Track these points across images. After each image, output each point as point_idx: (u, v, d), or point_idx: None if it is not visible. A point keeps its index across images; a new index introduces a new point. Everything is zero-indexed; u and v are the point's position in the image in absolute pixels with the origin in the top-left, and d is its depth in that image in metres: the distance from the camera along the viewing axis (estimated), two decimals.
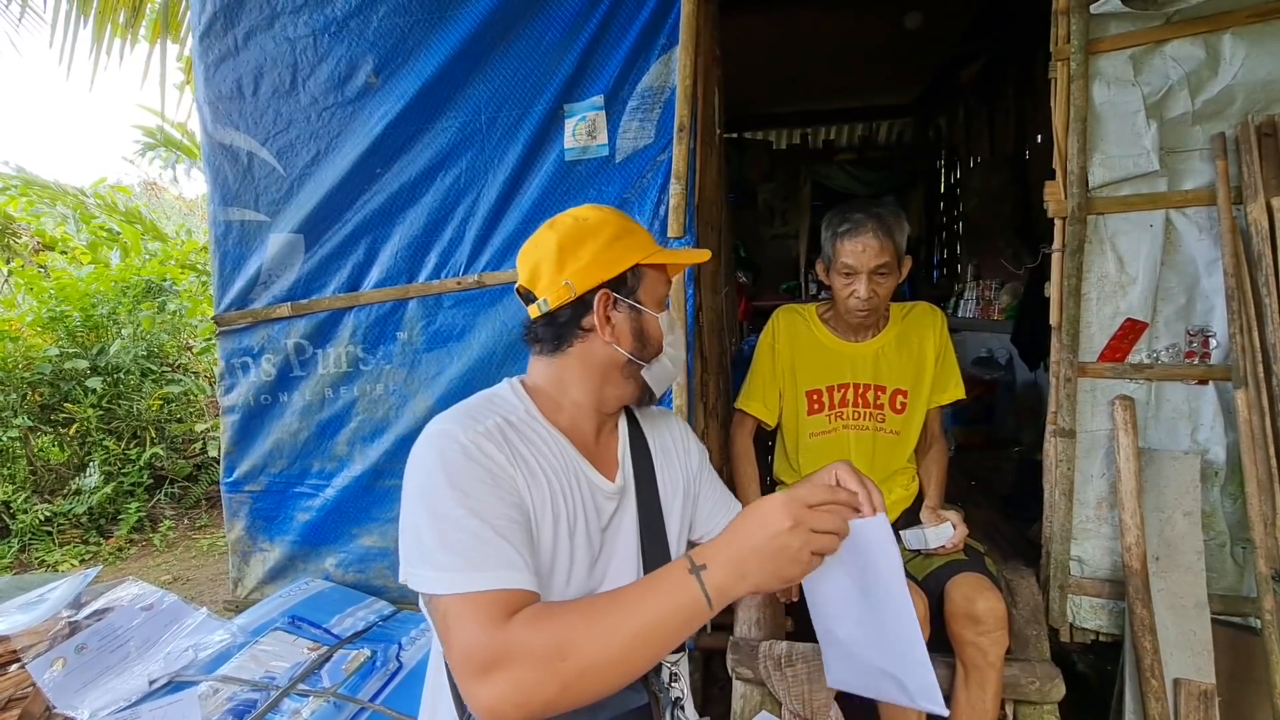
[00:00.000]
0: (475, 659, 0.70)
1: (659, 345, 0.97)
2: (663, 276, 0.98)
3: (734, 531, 0.73)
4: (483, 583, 0.73)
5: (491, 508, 0.78)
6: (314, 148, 1.98)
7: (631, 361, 0.94)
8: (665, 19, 1.74)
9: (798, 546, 0.70)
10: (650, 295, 0.95)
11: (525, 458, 0.85)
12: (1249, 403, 1.48)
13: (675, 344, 1.00)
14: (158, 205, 7.65)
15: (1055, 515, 1.64)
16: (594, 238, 0.91)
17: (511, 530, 0.78)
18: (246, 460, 2.13)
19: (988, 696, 1.42)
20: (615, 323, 0.93)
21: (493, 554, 0.75)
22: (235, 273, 2.08)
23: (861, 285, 1.58)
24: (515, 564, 0.76)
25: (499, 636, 0.70)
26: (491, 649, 0.70)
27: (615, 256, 0.91)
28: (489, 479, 0.80)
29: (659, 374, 0.98)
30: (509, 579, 0.74)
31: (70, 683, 1.57)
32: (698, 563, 0.72)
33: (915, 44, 4.00)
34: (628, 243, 0.92)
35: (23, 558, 3.55)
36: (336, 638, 1.72)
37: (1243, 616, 1.57)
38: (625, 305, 0.93)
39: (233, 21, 1.99)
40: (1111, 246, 1.58)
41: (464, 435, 0.81)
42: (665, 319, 0.98)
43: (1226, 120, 1.52)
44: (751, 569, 0.71)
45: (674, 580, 0.72)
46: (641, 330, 0.95)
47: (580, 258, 0.91)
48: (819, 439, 1.76)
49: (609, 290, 0.91)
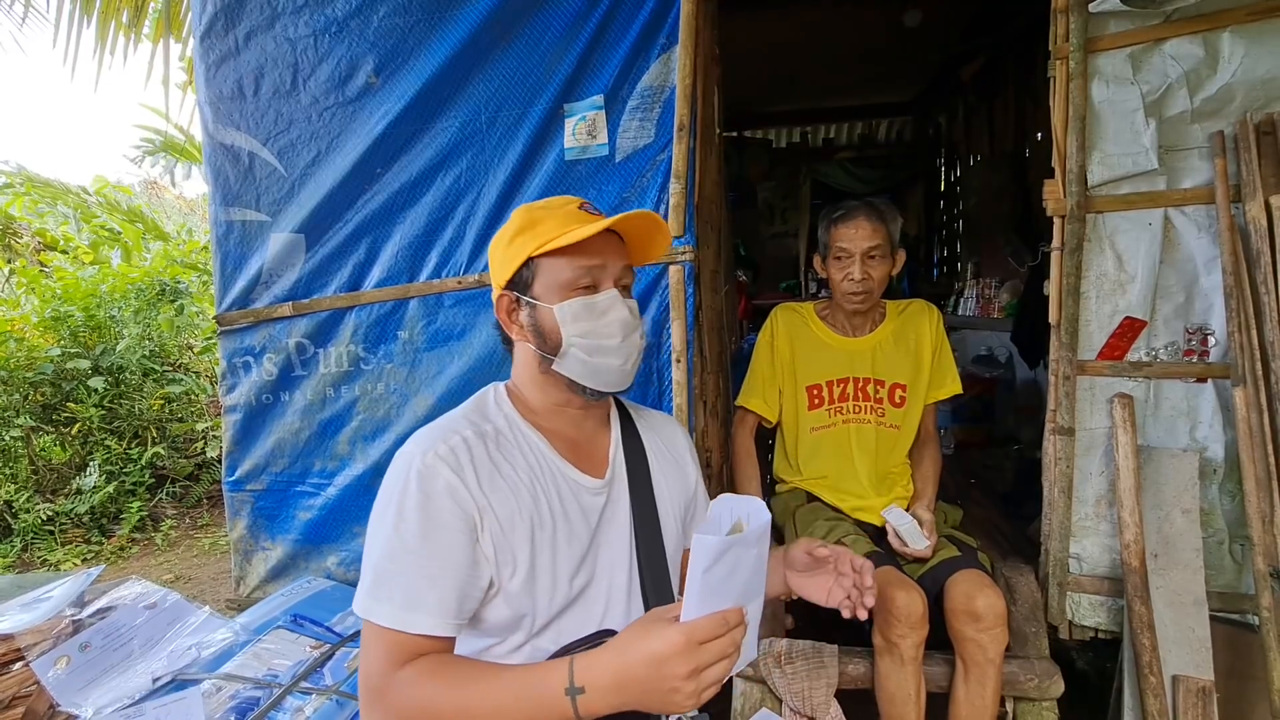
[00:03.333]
0: (368, 690, 0.78)
1: (558, 336, 0.90)
2: (568, 261, 0.89)
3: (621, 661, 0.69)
4: (389, 619, 0.78)
5: (426, 547, 0.80)
6: (315, 148, 1.98)
7: (540, 357, 0.93)
8: (665, 18, 1.74)
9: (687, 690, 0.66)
10: (549, 286, 0.90)
11: (489, 474, 0.85)
12: (1247, 400, 1.48)
13: (592, 333, 0.90)
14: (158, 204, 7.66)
15: (1054, 513, 1.64)
16: (499, 241, 0.94)
17: (442, 573, 0.80)
18: (248, 459, 2.13)
19: (987, 693, 1.42)
20: (521, 321, 0.94)
21: (407, 594, 0.78)
22: (236, 272, 2.08)
23: (855, 267, 1.63)
24: (431, 609, 0.78)
25: (385, 679, 0.76)
26: (377, 687, 0.77)
27: (510, 255, 0.91)
28: (430, 516, 0.80)
29: (574, 367, 0.91)
30: (415, 622, 0.78)
31: (74, 681, 1.58)
32: (577, 683, 0.69)
33: (915, 42, 4.00)
34: (525, 237, 0.90)
35: (25, 557, 3.56)
36: (339, 636, 1.72)
37: (1241, 614, 1.57)
38: (524, 302, 0.92)
39: (233, 22, 1.99)
40: (1110, 245, 1.58)
41: (421, 460, 0.83)
42: (575, 306, 0.89)
43: (1225, 118, 1.53)
44: (634, 702, 0.69)
45: (549, 692, 0.70)
46: (538, 325, 0.91)
47: (492, 263, 0.96)
48: (820, 434, 1.77)
49: (507, 292, 0.93)
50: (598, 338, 0.90)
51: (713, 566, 0.66)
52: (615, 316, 0.91)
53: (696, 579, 0.66)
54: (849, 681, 1.53)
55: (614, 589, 0.93)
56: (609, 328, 0.91)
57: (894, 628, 1.42)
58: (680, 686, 0.66)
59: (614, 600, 0.93)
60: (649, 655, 0.67)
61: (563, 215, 0.91)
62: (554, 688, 0.70)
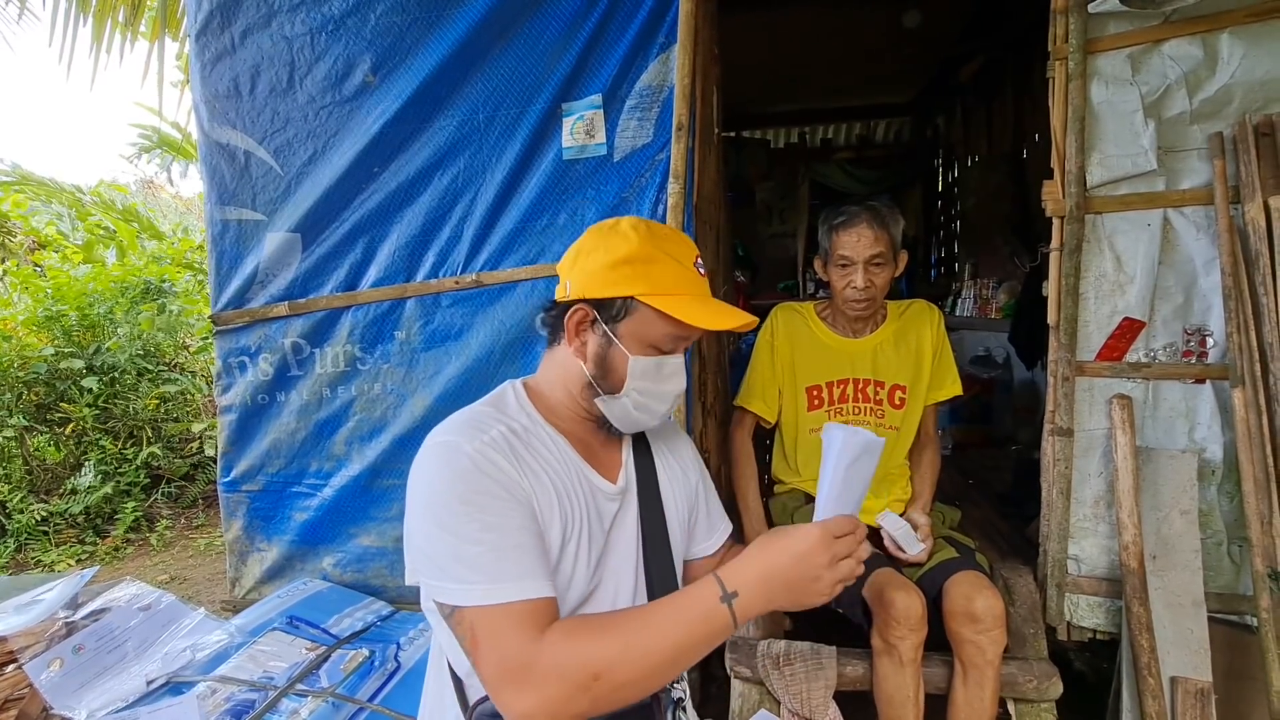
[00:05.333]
0: (509, 671, 0.72)
1: (620, 383, 0.89)
2: (667, 324, 0.87)
3: (766, 559, 0.77)
4: (508, 594, 0.75)
5: (506, 519, 0.78)
6: (311, 147, 1.97)
7: (591, 386, 0.91)
8: (663, 18, 1.73)
9: (828, 579, 0.76)
10: (636, 334, 0.88)
11: (530, 466, 0.85)
12: (1246, 401, 1.48)
13: (650, 393, 0.91)
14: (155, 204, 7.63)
15: (1053, 514, 1.64)
16: (608, 251, 0.88)
17: (527, 540, 0.79)
18: (244, 460, 2.12)
19: (986, 695, 1.42)
20: (587, 340, 0.90)
21: (512, 565, 0.76)
22: (232, 272, 2.07)
23: (858, 275, 1.61)
24: (536, 573, 0.77)
25: (532, 651, 0.72)
26: (524, 663, 0.72)
27: (615, 278, 0.86)
28: (500, 490, 0.79)
29: (617, 411, 0.92)
30: (532, 588, 0.76)
31: (67, 683, 1.57)
32: (729, 589, 0.75)
33: (913, 43, 4.00)
34: (638, 270, 0.85)
35: (19, 558, 3.54)
36: (335, 638, 1.72)
37: (1239, 615, 1.57)
38: (601, 329, 0.88)
39: (229, 20, 1.98)
40: (1109, 246, 1.58)
41: (470, 446, 0.81)
42: (648, 364, 0.89)
43: (1224, 119, 1.53)
44: (779, 597, 0.76)
45: (706, 606, 0.75)
46: (605, 360, 0.89)
47: (586, 265, 0.89)
48: (819, 435, 1.76)
49: (588, 307, 0.88)
50: (652, 398, 0.92)
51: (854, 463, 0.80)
52: (675, 386, 0.93)
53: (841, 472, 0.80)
54: (847, 683, 1.53)
55: (619, 594, 0.93)
56: (666, 394, 0.93)
57: (893, 629, 1.41)
58: (822, 575, 0.75)
59: (618, 605, 0.93)
60: (793, 551, 0.76)
61: (679, 270, 0.88)
62: (709, 600, 0.75)
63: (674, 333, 0.88)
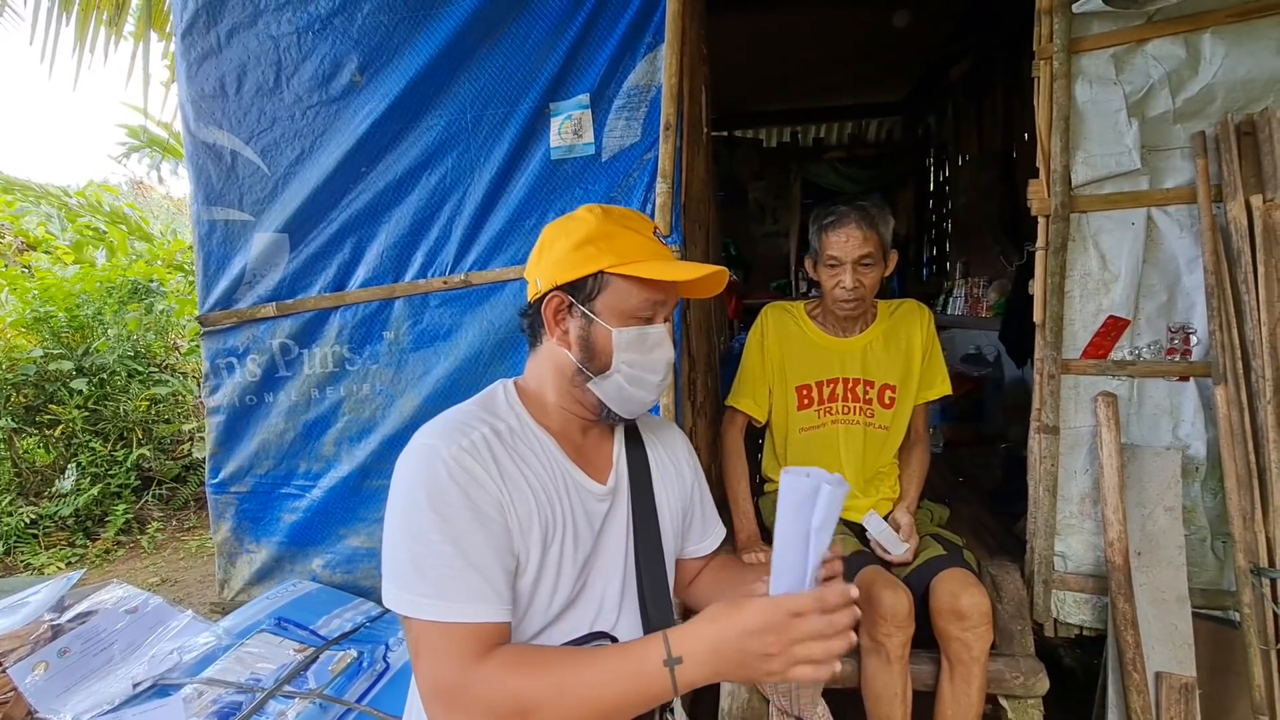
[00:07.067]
0: (441, 691, 0.73)
1: (608, 360, 0.89)
2: (641, 290, 0.88)
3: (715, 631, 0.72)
4: (455, 614, 0.75)
5: (468, 535, 0.78)
6: (298, 146, 1.96)
7: (580, 371, 0.90)
8: (651, 17, 1.73)
9: (782, 660, 0.69)
10: (614, 306, 0.88)
11: (510, 472, 0.84)
12: (1228, 399, 1.50)
13: (639, 364, 0.90)
14: (145, 204, 7.58)
15: (1039, 511, 1.65)
16: (567, 237, 0.89)
17: (487, 559, 0.78)
18: (232, 461, 2.11)
19: (972, 691, 1.43)
20: (568, 328, 0.90)
21: (465, 586, 0.76)
22: (220, 272, 2.06)
23: (847, 276, 1.61)
24: (486, 596, 0.77)
25: (466, 676, 0.73)
26: (457, 686, 0.73)
27: (580, 259, 0.87)
28: (468, 503, 0.79)
29: (611, 391, 0.91)
30: (482, 612, 0.76)
31: (53, 686, 1.56)
32: (675, 653, 0.72)
33: (904, 42, 4.02)
34: (600, 247, 0.86)
35: (7, 561, 3.51)
36: (323, 639, 1.71)
37: (1223, 610, 1.59)
38: (579, 311, 0.88)
39: (215, 19, 1.97)
40: (1094, 244, 1.59)
41: (447, 451, 0.80)
42: (631, 335, 0.89)
43: (1207, 119, 1.54)
44: (729, 671, 0.72)
45: (648, 665, 0.72)
46: (589, 340, 0.89)
47: (551, 255, 0.90)
48: (808, 434, 1.77)
49: (562, 294, 0.88)
50: (642, 369, 0.90)
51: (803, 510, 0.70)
52: (662, 354, 0.92)
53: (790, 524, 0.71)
54: (835, 680, 1.53)
55: (607, 595, 0.93)
56: (655, 363, 0.91)
57: (880, 627, 1.42)
58: (774, 655, 0.69)
59: (606, 605, 0.93)
60: (741, 627, 0.70)
61: (640, 239, 0.89)
62: (652, 660, 0.72)
63: (650, 297, 0.89)
